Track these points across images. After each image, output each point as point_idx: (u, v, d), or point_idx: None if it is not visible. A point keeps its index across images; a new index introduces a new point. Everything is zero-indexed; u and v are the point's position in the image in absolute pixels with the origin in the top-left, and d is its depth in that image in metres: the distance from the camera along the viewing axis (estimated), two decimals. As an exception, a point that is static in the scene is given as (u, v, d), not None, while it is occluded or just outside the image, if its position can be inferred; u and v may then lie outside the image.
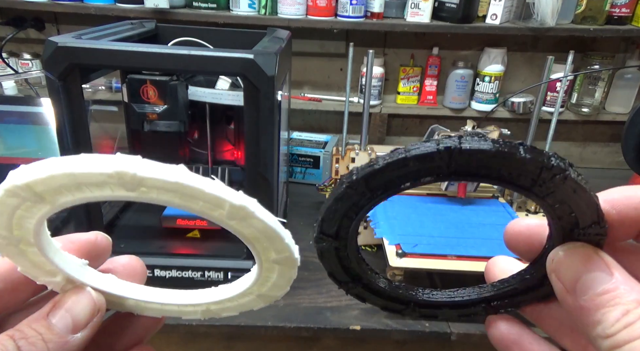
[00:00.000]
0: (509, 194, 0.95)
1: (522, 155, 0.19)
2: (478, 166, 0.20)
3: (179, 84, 0.79)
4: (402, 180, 0.21)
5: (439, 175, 0.20)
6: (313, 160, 1.16)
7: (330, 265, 0.25)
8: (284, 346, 0.80)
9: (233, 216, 0.20)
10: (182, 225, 0.84)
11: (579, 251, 0.21)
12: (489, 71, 1.27)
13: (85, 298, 0.24)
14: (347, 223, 0.23)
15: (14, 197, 0.18)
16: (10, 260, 0.23)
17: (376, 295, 0.28)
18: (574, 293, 0.20)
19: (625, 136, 0.80)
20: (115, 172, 0.18)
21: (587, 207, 0.21)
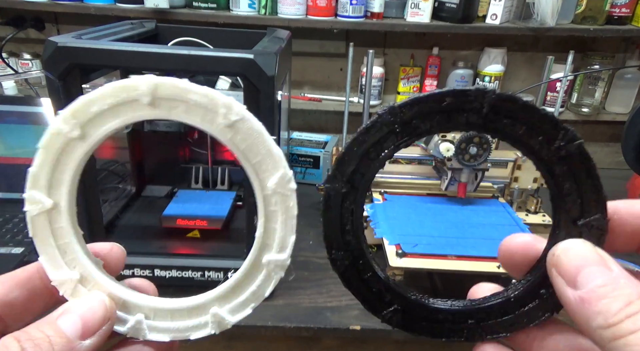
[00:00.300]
0: (508, 194, 0.95)
1: (545, 112, 0.22)
2: (506, 113, 0.22)
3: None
4: (437, 117, 0.23)
5: (470, 117, 0.22)
6: (313, 160, 1.16)
7: (329, 220, 0.25)
8: (284, 346, 0.80)
9: (229, 122, 0.23)
10: (182, 225, 0.84)
11: (580, 246, 0.22)
12: (489, 71, 1.27)
13: (98, 304, 0.23)
14: (364, 166, 0.23)
15: (58, 135, 0.23)
16: (37, 242, 0.24)
17: (361, 281, 0.26)
18: (575, 286, 0.21)
19: (625, 136, 0.80)
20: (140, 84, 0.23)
21: (592, 192, 0.23)
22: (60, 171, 0.24)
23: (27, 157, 0.97)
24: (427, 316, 0.26)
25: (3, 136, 0.97)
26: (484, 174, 0.88)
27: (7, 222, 0.89)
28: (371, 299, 0.26)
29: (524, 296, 0.25)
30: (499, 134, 0.23)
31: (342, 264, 0.26)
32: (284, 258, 0.25)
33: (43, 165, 0.23)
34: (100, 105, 0.23)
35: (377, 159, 0.23)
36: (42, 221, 0.24)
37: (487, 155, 0.85)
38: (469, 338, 0.26)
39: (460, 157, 0.85)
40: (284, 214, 0.24)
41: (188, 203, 0.90)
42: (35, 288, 0.25)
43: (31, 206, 0.24)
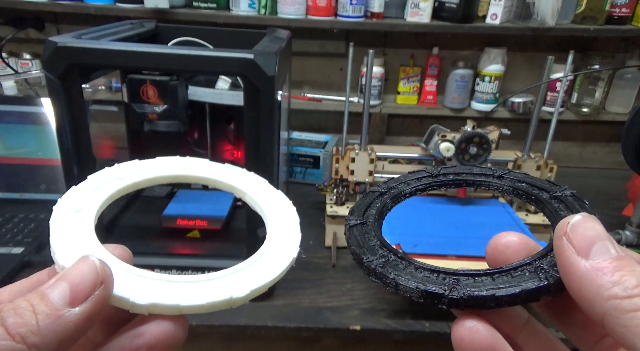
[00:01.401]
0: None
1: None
2: (517, 179, 0.32)
3: (178, 84, 0.79)
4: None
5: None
6: (313, 160, 1.16)
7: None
8: (284, 346, 0.80)
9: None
10: (182, 225, 0.84)
11: (594, 220, 0.22)
12: (489, 71, 1.27)
13: (87, 266, 0.21)
14: (399, 187, 0.32)
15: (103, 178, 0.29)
16: (55, 234, 0.24)
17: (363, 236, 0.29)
18: (587, 256, 0.21)
19: (625, 136, 0.80)
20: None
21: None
22: (97, 192, 0.29)
23: (27, 157, 0.97)
24: (412, 269, 0.25)
25: (3, 136, 0.97)
26: (484, 174, 0.88)
27: (7, 222, 0.89)
28: (364, 247, 0.28)
29: (517, 268, 0.24)
30: (509, 189, 0.32)
31: (352, 221, 0.30)
32: (295, 248, 0.29)
33: (85, 186, 0.29)
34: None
35: (413, 186, 0.33)
36: (66, 215, 0.26)
37: (487, 155, 0.85)
38: (450, 290, 0.24)
39: (460, 157, 0.85)
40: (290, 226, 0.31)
41: (188, 203, 0.90)
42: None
43: (61, 203, 0.26)
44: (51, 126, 0.96)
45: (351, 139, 0.93)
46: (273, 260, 0.27)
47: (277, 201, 0.32)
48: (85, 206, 0.27)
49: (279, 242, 0.29)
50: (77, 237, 0.25)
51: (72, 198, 0.27)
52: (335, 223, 0.90)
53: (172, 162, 0.32)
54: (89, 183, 0.29)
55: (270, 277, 0.26)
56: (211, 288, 0.24)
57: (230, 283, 0.25)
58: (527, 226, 0.84)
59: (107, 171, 0.30)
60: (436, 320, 0.75)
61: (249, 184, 0.33)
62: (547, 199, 0.28)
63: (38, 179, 0.97)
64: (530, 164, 0.90)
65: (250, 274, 0.25)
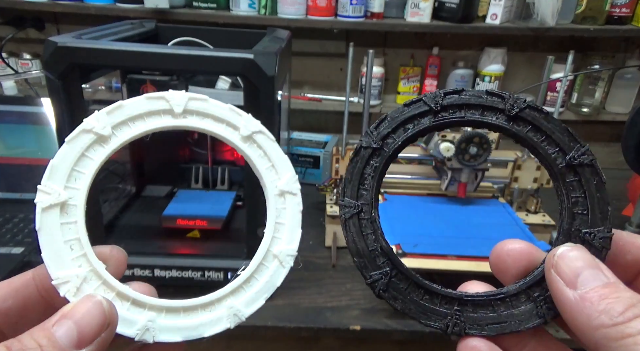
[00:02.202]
0: (508, 194, 0.95)
1: (566, 126, 0.25)
2: (531, 121, 0.25)
3: (179, 84, 0.79)
4: (471, 110, 0.26)
5: (500, 117, 0.26)
6: (313, 160, 1.16)
7: (352, 170, 0.27)
8: (284, 346, 0.80)
9: (248, 133, 0.27)
10: (182, 225, 0.84)
11: (579, 250, 0.23)
12: (489, 71, 1.27)
13: (95, 308, 0.21)
14: (398, 134, 0.26)
15: (89, 132, 0.24)
16: (43, 236, 0.23)
17: (361, 235, 0.27)
18: (575, 287, 0.21)
19: (625, 136, 0.80)
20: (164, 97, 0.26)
21: (599, 205, 0.24)
22: (81, 166, 0.24)
23: (27, 157, 0.97)
24: (412, 291, 0.26)
25: (3, 136, 0.97)
26: (484, 174, 0.88)
27: (7, 222, 0.89)
28: (365, 257, 0.27)
29: (516, 296, 0.25)
30: (521, 139, 0.26)
31: (349, 211, 0.27)
32: (294, 247, 0.27)
33: (65, 158, 0.24)
34: (135, 110, 0.25)
35: (410, 130, 0.26)
36: (52, 214, 0.23)
37: (487, 155, 0.85)
38: (449, 326, 0.25)
39: (460, 157, 0.85)
40: (291, 210, 0.28)
41: (188, 203, 0.90)
42: (30, 296, 0.24)
43: (44, 197, 0.23)
44: (51, 126, 0.96)
45: (351, 139, 0.93)
46: (269, 272, 0.27)
47: (282, 179, 0.28)
48: (71, 196, 0.24)
49: (278, 244, 0.27)
50: (68, 243, 0.24)
51: (53, 183, 0.24)
52: (335, 223, 0.90)
53: (161, 104, 0.26)
54: (68, 152, 0.24)
55: (264, 295, 0.26)
56: (210, 318, 0.25)
57: (230, 308, 0.26)
58: (527, 226, 0.84)
59: (85, 126, 0.25)
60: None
61: (253, 147, 0.28)
62: (560, 169, 0.25)
63: (38, 179, 0.96)
64: (530, 164, 0.90)
65: (246, 296, 0.26)
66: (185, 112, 0.26)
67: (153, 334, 0.24)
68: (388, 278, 0.26)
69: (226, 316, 0.25)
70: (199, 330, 0.25)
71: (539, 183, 0.91)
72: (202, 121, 0.27)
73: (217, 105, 0.27)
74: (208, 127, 0.27)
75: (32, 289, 0.24)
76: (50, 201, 0.23)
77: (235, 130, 0.27)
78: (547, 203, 0.94)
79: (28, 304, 0.24)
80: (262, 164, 0.28)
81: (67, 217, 0.24)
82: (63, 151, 0.24)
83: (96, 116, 0.25)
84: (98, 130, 0.25)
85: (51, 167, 0.24)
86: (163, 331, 0.24)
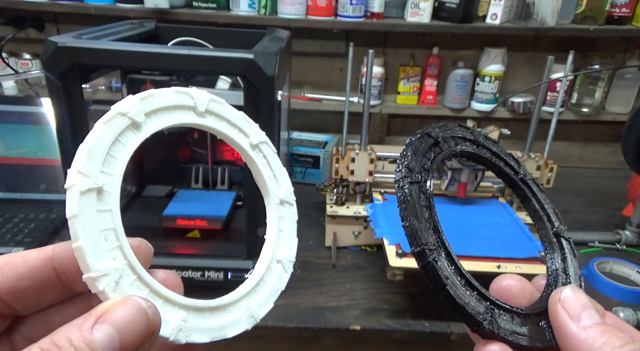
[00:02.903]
0: (508, 194, 0.95)
1: (510, 154, 0.35)
2: (489, 149, 0.34)
3: (178, 84, 0.78)
4: (454, 141, 0.33)
5: (467, 147, 0.34)
6: (313, 160, 1.16)
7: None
8: (284, 346, 0.80)
9: (256, 142, 0.28)
10: (182, 225, 0.84)
11: (582, 293, 0.26)
12: (489, 71, 1.27)
13: (140, 316, 0.19)
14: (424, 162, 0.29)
15: (124, 116, 0.23)
16: (81, 223, 0.20)
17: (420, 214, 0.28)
18: (579, 321, 0.24)
19: (625, 136, 0.80)
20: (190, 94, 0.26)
21: (550, 209, 0.34)
22: (115, 152, 0.23)
23: (27, 157, 0.97)
24: (455, 273, 0.26)
25: (3, 136, 0.97)
26: (484, 174, 0.88)
27: (7, 222, 0.89)
28: (417, 226, 0.27)
29: (530, 317, 0.27)
30: (485, 163, 0.34)
31: (413, 177, 0.28)
32: (293, 254, 0.29)
33: (102, 141, 0.22)
34: (165, 101, 0.25)
35: (432, 155, 0.30)
36: (90, 199, 0.21)
37: (487, 155, 0.85)
38: (485, 320, 0.25)
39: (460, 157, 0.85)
40: (289, 219, 0.29)
41: (188, 203, 0.90)
42: (48, 279, 0.23)
43: (82, 180, 0.21)
44: (51, 126, 0.96)
45: (351, 139, 0.93)
46: (275, 276, 0.28)
47: (281, 189, 0.30)
48: (108, 182, 0.22)
49: (280, 250, 0.29)
50: (103, 233, 0.21)
51: (91, 168, 0.21)
52: (335, 223, 0.90)
53: (186, 99, 0.26)
54: (104, 135, 0.22)
55: (272, 298, 0.28)
56: (231, 320, 0.26)
57: (247, 309, 0.27)
58: (527, 226, 0.84)
59: (121, 109, 0.23)
60: (436, 320, 0.75)
61: (259, 156, 0.29)
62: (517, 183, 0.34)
63: (38, 179, 0.97)
64: (530, 164, 0.90)
65: (258, 298, 0.28)
66: (206, 112, 0.27)
67: (185, 334, 0.23)
68: (435, 253, 0.26)
69: (245, 317, 0.26)
70: (223, 331, 0.25)
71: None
72: (219, 123, 0.27)
73: (232, 110, 0.28)
74: (224, 130, 0.27)
75: (50, 272, 0.23)
76: (89, 185, 0.21)
77: (246, 137, 0.28)
78: (547, 203, 0.94)
79: (45, 286, 0.22)
80: (267, 173, 0.29)
81: (102, 204, 0.21)
82: (99, 132, 0.22)
83: (131, 100, 0.24)
84: (133, 115, 0.23)
85: (89, 148, 0.21)
86: (194, 331, 0.23)
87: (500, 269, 0.72)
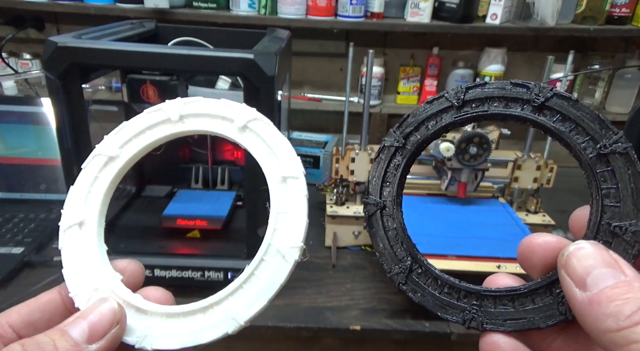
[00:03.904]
0: (508, 194, 0.95)
1: (597, 113, 0.24)
2: (559, 110, 0.24)
3: (179, 84, 0.78)
4: (495, 102, 0.25)
5: (525, 107, 0.25)
6: (313, 160, 1.16)
7: (377, 168, 0.27)
8: (284, 346, 0.80)
9: (243, 124, 0.27)
10: (182, 225, 0.84)
11: (591, 247, 0.21)
12: (489, 71, 1.27)
13: (106, 307, 0.23)
14: (421, 131, 0.26)
15: (100, 156, 0.27)
16: (64, 254, 0.25)
17: (383, 228, 0.27)
18: (584, 287, 0.20)
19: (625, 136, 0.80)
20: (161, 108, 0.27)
21: (633, 197, 0.22)
22: (96, 186, 0.27)
23: (27, 157, 0.97)
24: (432, 285, 0.26)
25: (3, 136, 0.97)
26: (484, 174, 0.88)
27: (7, 222, 0.89)
28: (387, 251, 0.27)
29: (537, 292, 0.24)
30: (547, 130, 0.25)
31: (372, 208, 0.27)
32: (299, 238, 0.25)
33: (82, 183, 0.27)
34: (137, 127, 0.27)
35: (432, 128, 0.26)
36: (72, 233, 0.26)
37: (487, 155, 0.85)
38: (466, 321, 0.25)
39: (460, 157, 0.85)
40: (295, 196, 0.25)
41: (188, 203, 0.90)
42: (56, 309, 0.25)
43: (64, 219, 0.26)
44: (51, 126, 0.96)
45: (351, 139, 0.93)
46: (272, 268, 0.25)
47: (283, 164, 0.26)
48: (87, 215, 0.26)
49: (281, 237, 0.25)
50: (87, 263, 0.26)
51: (73, 207, 0.26)
52: (336, 222, 0.90)
53: (159, 115, 0.27)
54: (84, 177, 0.27)
55: (266, 295, 0.25)
56: (209, 323, 0.25)
57: (227, 311, 0.25)
58: (527, 226, 0.84)
59: (96, 151, 0.27)
60: (436, 320, 0.75)
61: (250, 136, 0.27)
62: (590, 160, 0.24)
63: (38, 179, 0.97)
64: (530, 164, 0.90)
65: (246, 297, 0.25)
66: (181, 118, 0.27)
67: (151, 341, 0.24)
68: (408, 272, 0.26)
69: (225, 320, 0.25)
70: (197, 337, 0.24)
71: (538, 183, 0.91)
72: (198, 121, 0.27)
73: (210, 102, 0.27)
74: (204, 126, 0.27)
75: (58, 303, 0.26)
76: (69, 222, 0.26)
77: (230, 123, 0.27)
78: (547, 203, 0.94)
79: (54, 316, 0.25)
80: (261, 151, 0.26)
81: (84, 235, 0.26)
82: (80, 177, 0.27)
83: (106, 138, 0.27)
84: (107, 152, 0.27)
85: (71, 191, 0.27)
86: (162, 338, 0.24)
87: (500, 269, 0.72)
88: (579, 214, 0.25)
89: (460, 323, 0.25)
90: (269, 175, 0.26)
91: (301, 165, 0.26)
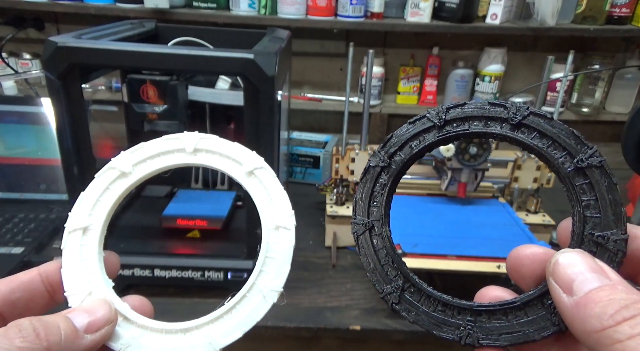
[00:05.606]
0: (508, 194, 0.95)
1: (572, 129, 0.25)
2: (535, 127, 0.25)
3: (179, 84, 0.79)
4: (475, 121, 0.26)
5: (503, 126, 0.26)
6: (313, 160, 1.16)
7: (363, 188, 0.28)
8: (284, 346, 0.80)
9: (250, 169, 0.29)
10: (182, 225, 0.84)
11: (576, 254, 0.22)
12: (489, 71, 1.27)
13: (104, 306, 0.26)
14: (405, 151, 0.27)
15: (114, 169, 0.29)
16: (65, 254, 0.27)
17: (373, 248, 0.28)
18: (571, 292, 0.21)
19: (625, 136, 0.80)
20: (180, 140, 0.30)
21: (612, 207, 0.24)
22: (105, 197, 0.29)
23: (27, 157, 0.97)
24: (425, 303, 0.26)
25: (3, 136, 0.97)
26: (484, 174, 0.88)
27: (7, 222, 0.89)
28: (378, 272, 0.27)
29: (529, 304, 0.24)
30: (526, 146, 0.26)
31: (360, 228, 0.28)
32: (279, 283, 0.28)
33: (93, 191, 0.29)
34: (153, 150, 0.30)
35: (416, 147, 0.27)
36: (75, 236, 0.28)
37: (487, 155, 0.85)
38: (462, 338, 0.25)
39: (460, 157, 0.85)
40: (283, 245, 0.28)
41: (188, 203, 0.90)
42: (36, 290, 0.27)
43: (70, 222, 0.28)
44: (51, 126, 0.96)
45: (351, 139, 0.93)
46: (252, 305, 0.28)
47: (278, 214, 0.29)
48: (93, 222, 0.29)
49: (265, 278, 0.28)
50: (84, 262, 0.28)
51: (81, 212, 0.29)
52: (336, 223, 0.90)
53: (176, 143, 0.30)
54: (96, 186, 0.29)
55: (242, 328, 0.27)
56: (188, 344, 0.27)
57: (206, 336, 0.27)
58: (527, 226, 0.84)
59: (111, 164, 0.30)
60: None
61: (255, 182, 0.29)
62: (569, 173, 0.25)
63: (38, 179, 0.97)
64: (530, 164, 0.90)
65: (225, 326, 0.27)
66: (195, 151, 0.29)
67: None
68: (400, 291, 0.27)
69: (203, 344, 0.27)
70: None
71: (539, 183, 0.91)
72: (210, 157, 0.30)
73: (224, 142, 0.30)
74: (214, 163, 0.29)
75: (38, 284, 0.27)
76: (74, 226, 0.28)
77: (239, 165, 0.29)
78: (547, 203, 0.94)
79: (34, 296, 0.27)
80: (262, 198, 0.29)
81: (86, 240, 0.28)
82: (92, 184, 0.29)
83: (123, 154, 0.29)
84: (121, 168, 0.29)
85: (81, 197, 0.29)
86: (143, 349, 0.26)
87: (500, 269, 0.72)
88: (564, 226, 0.26)
89: (456, 341, 0.25)
90: (265, 221, 0.29)
91: (294, 218, 0.29)
